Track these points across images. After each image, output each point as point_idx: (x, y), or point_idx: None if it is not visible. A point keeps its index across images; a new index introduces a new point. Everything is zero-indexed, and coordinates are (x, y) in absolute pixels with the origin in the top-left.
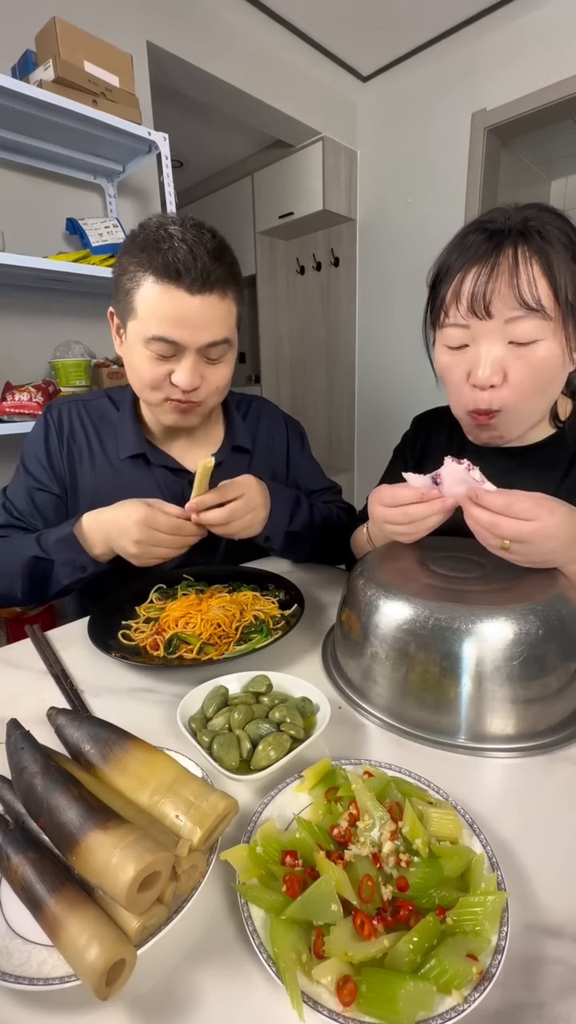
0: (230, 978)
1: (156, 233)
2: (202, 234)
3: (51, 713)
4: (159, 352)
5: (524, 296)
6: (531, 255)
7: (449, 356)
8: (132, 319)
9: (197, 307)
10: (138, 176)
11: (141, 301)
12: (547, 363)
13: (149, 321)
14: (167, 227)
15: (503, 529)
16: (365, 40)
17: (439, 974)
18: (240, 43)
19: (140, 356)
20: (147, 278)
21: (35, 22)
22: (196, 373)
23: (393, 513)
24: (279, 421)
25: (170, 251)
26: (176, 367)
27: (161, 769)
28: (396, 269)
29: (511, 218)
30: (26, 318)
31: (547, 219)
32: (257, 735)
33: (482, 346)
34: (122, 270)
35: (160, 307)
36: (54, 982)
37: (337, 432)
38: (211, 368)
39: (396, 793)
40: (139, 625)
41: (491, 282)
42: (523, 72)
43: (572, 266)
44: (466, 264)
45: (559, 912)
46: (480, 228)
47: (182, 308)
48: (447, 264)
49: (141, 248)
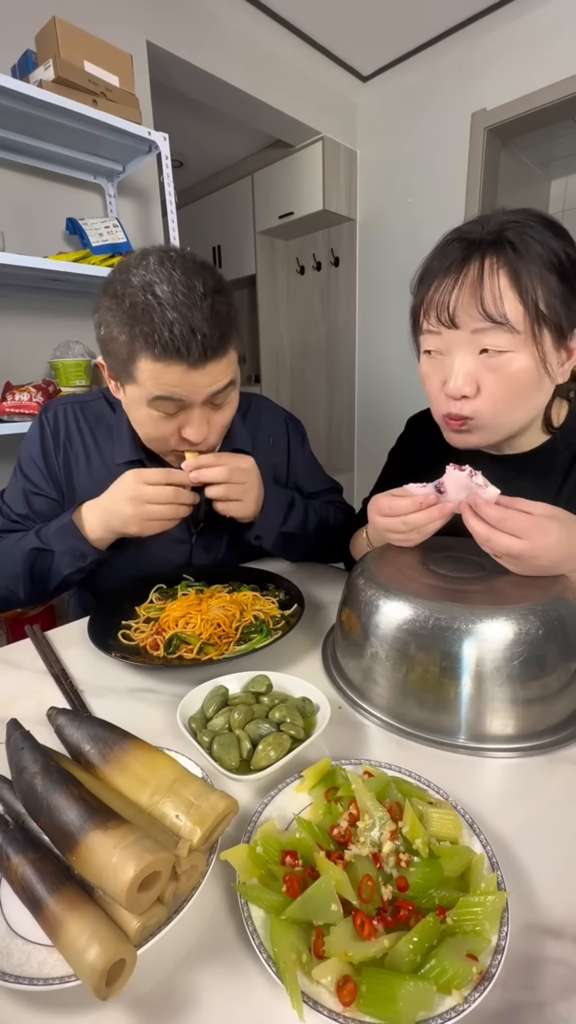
0: (230, 978)
1: (144, 299)
2: (193, 289)
3: (51, 713)
4: (163, 410)
5: (487, 309)
6: (499, 267)
7: (428, 364)
8: (131, 383)
9: (200, 375)
10: (138, 176)
11: (141, 372)
12: (520, 376)
13: (150, 386)
14: (153, 288)
15: (495, 543)
16: (365, 40)
17: (439, 974)
18: (240, 43)
19: (144, 415)
20: (144, 354)
21: (35, 22)
22: (204, 423)
23: (392, 522)
24: (279, 419)
25: (164, 327)
26: (183, 421)
27: (161, 769)
28: (396, 269)
29: (487, 227)
30: (26, 318)
31: (527, 228)
32: (257, 735)
33: (456, 357)
34: (109, 334)
35: (162, 379)
36: (54, 982)
37: (337, 432)
38: (217, 413)
39: (396, 793)
40: (139, 625)
41: (456, 293)
42: (523, 72)
43: (547, 276)
44: (439, 273)
45: (559, 912)
46: (459, 237)
47: (185, 379)
48: (425, 272)
49: (130, 316)
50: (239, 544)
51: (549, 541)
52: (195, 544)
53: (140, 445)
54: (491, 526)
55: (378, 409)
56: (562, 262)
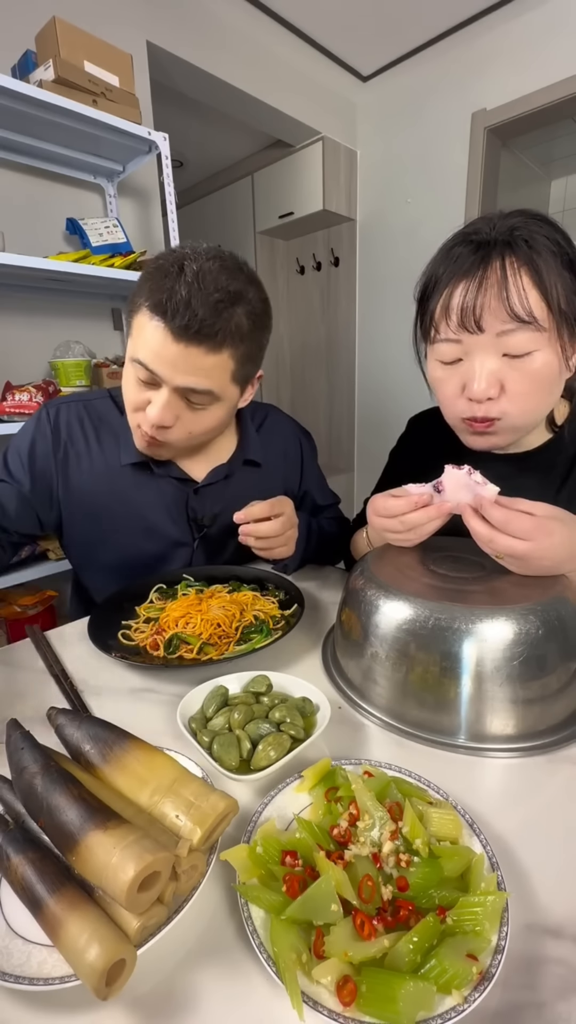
0: (230, 978)
1: (171, 265)
2: (217, 281)
3: (51, 713)
4: (139, 376)
5: (515, 309)
6: (520, 266)
7: (442, 370)
8: (129, 336)
9: (177, 352)
10: (138, 176)
11: (135, 324)
12: (544, 373)
13: (137, 343)
14: (184, 261)
15: (498, 545)
16: (365, 40)
17: (439, 974)
18: (240, 43)
19: (129, 372)
20: (144, 305)
21: (35, 22)
22: (169, 411)
23: (390, 522)
24: (294, 434)
25: (169, 290)
26: (152, 397)
27: (161, 769)
28: (396, 269)
29: (496, 227)
30: (26, 318)
31: (534, 227)
32: (257, 735)
33: (476, 360)
34: (138, 286)
35: (145, 337)
36: (54, 982)
37: (337, 432)
38: (190, 413)
39: (396, 793)
40: (139, 625)
41: (480, 296)
42: (523, 72)
43: (563, 273)
44: (454, 278)
45: (559, 912)
46: (465, 240)
47: (164, 347)
48: (434, 278)
49: (152, 274)
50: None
51: (552, 542)
52: (196, 548)
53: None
54: (493, 527)
55: (378, 409)
56: (571, 259)
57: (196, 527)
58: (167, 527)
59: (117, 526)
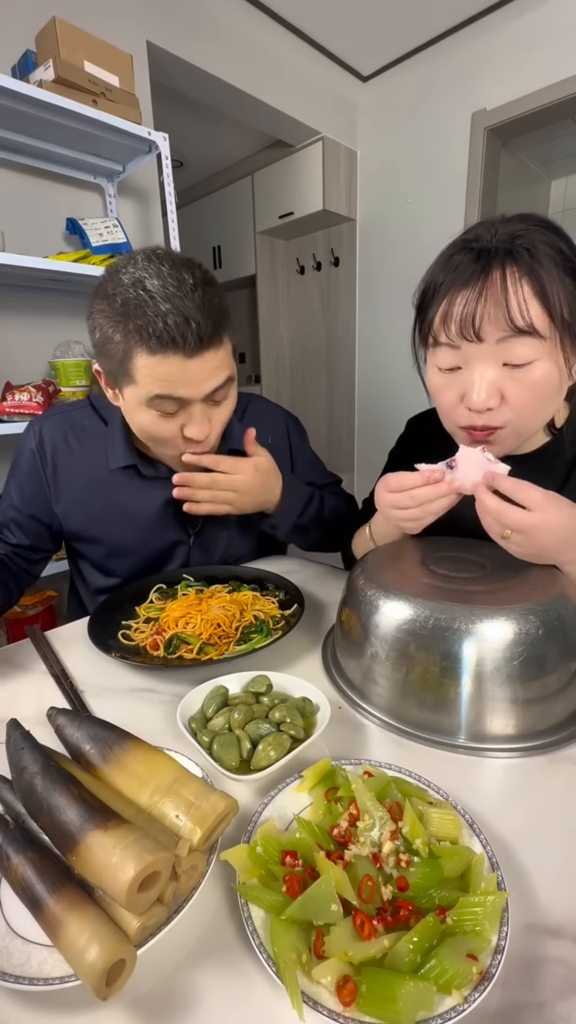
0: (230, 978)
1: (136, 295)
2: (183, 281)
3: (51, 713)
4: (164, 409)
5: (515, 319)
6: (521, 275)
7: (441, 378)
8: (129, 384)
9: (197, 366)
10: (138, 176)
11: (138, 369)
12: (544, 383)
13: (149, 384)
14: (144, 284)
15: (508, 517)
16: (365, 40)
17: (439, 974)
18: (240, 43)
19: (146, 416)
20: (140, 349)
21: (35, 22)
22: (206, 421)
23: (400, 497)
24: (278, 419)
25: (158, 318)
26: (185, 420)
27: (161, 769)
28: (396, 269)
29: (497, 234)
30: (26, 318)
31: (536, 234)
32: (257, 735)
33: (475, 369)
34: (104, 336)
35: (160, 373)
36: (54, 982)
37: (337, 432)
38: (217, 409)
39: (396, 793)
40: (139, 625)
41: (480, 305)
42: (523, 72)
43: (565, 280)
44: (454, 287)
45: (559, 912)
46: (466, 247)
47: (183, 372)
48: (434, 285)
49: (122, 315)
50: (239, 544)
51: (560, 516)
52: (193, 545)
53: (134, 449)
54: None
55: (378, 410)
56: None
57: (190, 524)
58: (161, 527)
59: (112, 531)
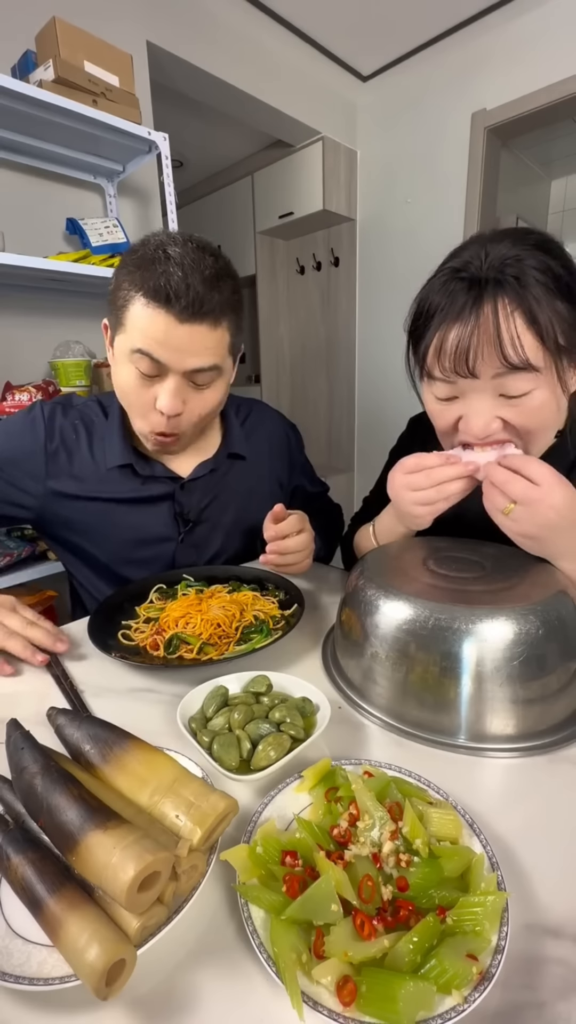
0: (230, 978)
1: (154, 253)
2: (202, 258)
3: (51, 713)
4: (143, 369)
5: (509, 357)
6: (513, 309)
7: (438, 405)
8: (120, 333)
9: (184, 334)
10: (138, 176)
11: (130, 318)
12: (543, 409)
13: (135, 335)
14: (167, 247)
15: (513, 487)
16: (365, 40)
17: (439, 974)
18: (240, 43)
19: (126, 372)
20: (138, 298)
21: (35, 22)
22: (178, 397)
23: (417, 477)
24: (279, 426)
25: (163, 275)
26: (159, 390)
27: (161, 769)
28: (396, 269)
29: (488, 260)
30: (26, 318)
31: (526, 258)
32: (257, 735)
33: (472, 401)
34: (117, 284)
35: (147, 327)
36: (54, 982)
37: (337, 432)
38: (196, 394)
39: (396, 793)
40: (139, 625)
41: (473, 341)
42: (523, 72)
43: (556, 305)
44: (446, 321)
45: (559, 912)
46: (458, 275)
47: (169, 333)
48: (426, 313)
49: (137, 265)
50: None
51: (564, 493)
52: (182, 542)
53: (130, 448)
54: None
55: (378, 409)
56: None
57: (182, 522)
58: (152, 523)
59: (103, 524)
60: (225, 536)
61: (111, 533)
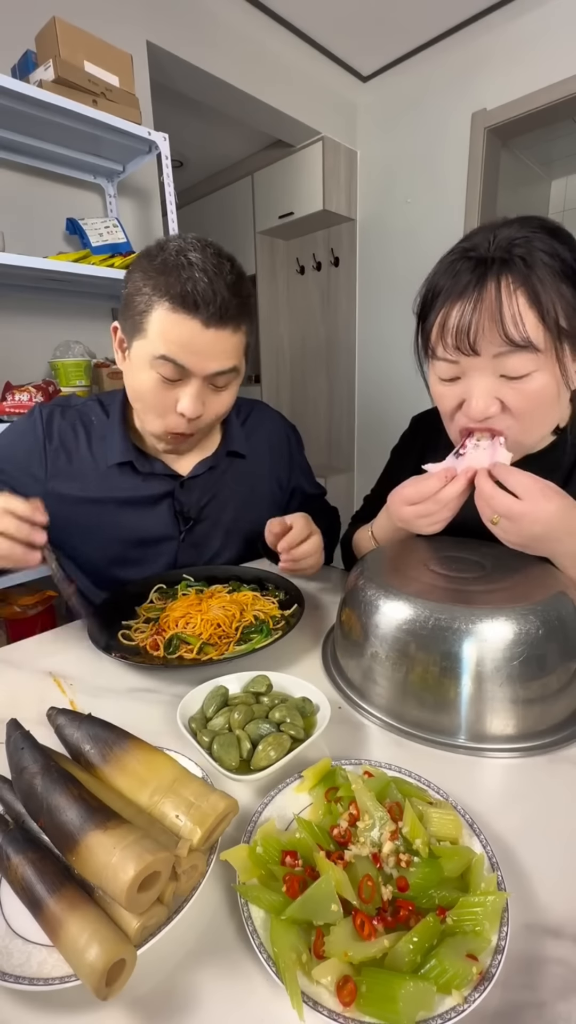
0: (230, 978)
1: (176, 259)
2: (222, 264)
3: (51, 713)
4: (165, 374)
5: (510, 334)
6: (516, 287)
7: (441, 387)
8: (140, 338)
9: (210, 339)
10: (138, 176)
11: (153, 323)
12: (542, 393)
13: (158, 342)
14: (187, 253)
15: (497, 502)
16: (365, 40)
17: (439, 974)
18: (240, 43)
19: (145, 377)
20: (162, 303)
21: (35, 22)
22: (200, 400)
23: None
24: (279, 427)
25: (189, 281)
26: (181, 394)
27: (161, 769)
28: (396, 269)
29: (495, 242)
30: (26, 318)
31: (534, 240)
32: (257, 735)
33: (473, 381)
34: (135, 288)
35: (172, 333)
36: (54, 982)
37: (337, 432)
38: (215, 395)
39: (396, 793)
40: (139, 625)
41: (475, 318)
42: (523, 72)
43: (562, 288)
44: (450, 298)
45: (559, 912)
46: (463, 256)
47: (195, 338)
48: (432, 293)
49: (159, 271)
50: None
51: (548, 507)
52: (183, 542)
53: (131, 446)
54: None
55: (378, 409)
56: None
57: (182, 520)
58: (152, 522)
59: (101, 523)
60: (225, 535)
61: (112, 533)
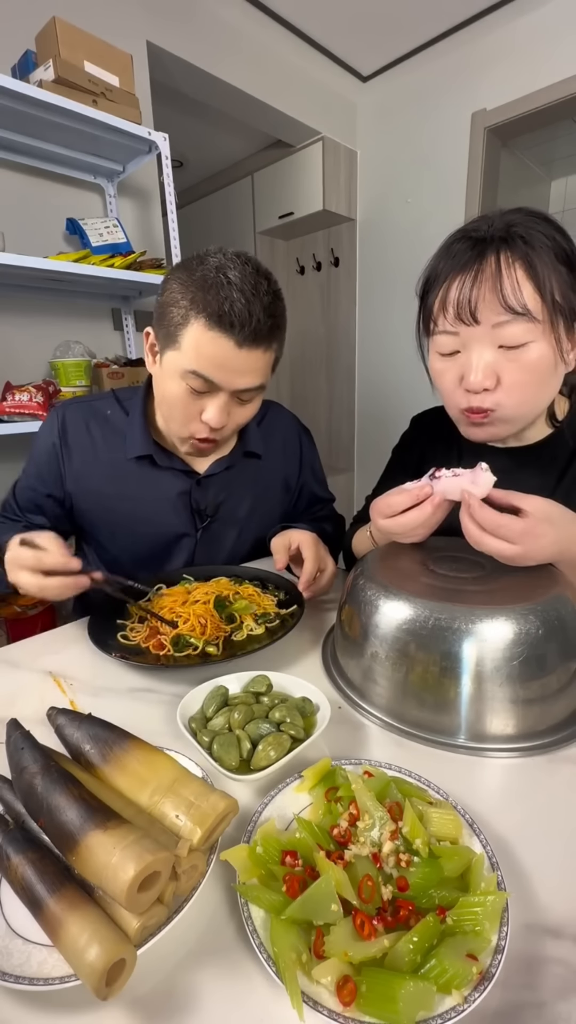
0: (230, 978)
1: (216, 276)
2: (259, 283)
3: (51, 713)
4: (194, 386)
5: (509, 301)
6: (514, 260)
7: (441, 362)
8: (173, 349)
9: (241, 359)
10: (138, 176)
11: (188, 338)
12: (539, 364)
13: (191, 355)
14: (227, 271)
15: (488, 546)
16: (365, 40)
17: (439, 974)
18: (240, 43)
19: (175, 387)
20: (199, 319)
21: (35, 22)
22: (225, 412)
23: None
24: (293, 429)
25: (227, 301)
26: (207, 405)
27: (161, 769)
28: (396, 269)
29: (495, 224)
30: (26, 318)
31: (531, 223)
32: (257, 735)
33: (473, 352)
34: (172, 299)
35: (206, 350)
36: (54, 982)
37: (337, 432)
38: (239, 407)
39: (396, 793)
40: (133, 624)
41: (475, 288)
42: (523, 72)
43: (558, 267)
44: (451, 273)
45: (559, 912)
46: (464, 237)
47: (227, 357)
48: (434, 273)
49: (198, 286)
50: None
51: (540, 544)
52: (200, 539)
53: (151, 440)
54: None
55: (378, 409)
56: (568, 254)
57: (199, 517)
58: (170, 518)
59: (122, 519)
60: (239, 534)
61: (131, 529)
